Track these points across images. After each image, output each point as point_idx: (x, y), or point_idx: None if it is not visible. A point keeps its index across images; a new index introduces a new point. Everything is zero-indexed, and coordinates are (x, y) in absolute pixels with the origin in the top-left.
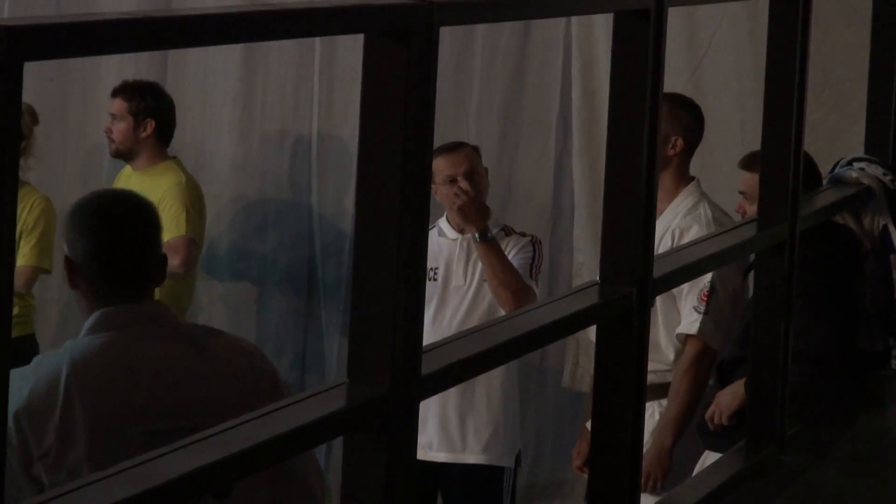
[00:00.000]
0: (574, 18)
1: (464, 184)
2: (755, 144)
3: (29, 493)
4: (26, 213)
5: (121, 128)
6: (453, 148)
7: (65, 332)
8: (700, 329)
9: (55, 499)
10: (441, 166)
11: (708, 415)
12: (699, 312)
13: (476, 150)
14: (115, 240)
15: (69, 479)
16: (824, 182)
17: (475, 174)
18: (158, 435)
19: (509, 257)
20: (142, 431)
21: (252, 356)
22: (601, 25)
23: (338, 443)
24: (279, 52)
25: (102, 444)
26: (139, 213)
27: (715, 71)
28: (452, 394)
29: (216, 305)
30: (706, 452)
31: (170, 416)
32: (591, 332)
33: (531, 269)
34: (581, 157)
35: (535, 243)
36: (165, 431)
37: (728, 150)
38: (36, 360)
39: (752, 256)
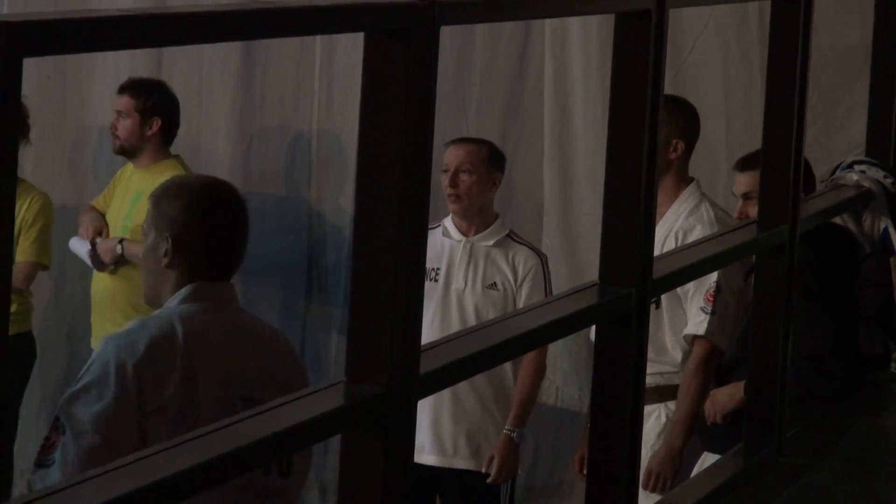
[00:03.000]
0: (547, 21)
1: None
2: (740, 146)
3: (134, 444)
4: (25, 209)
5: (126, 125)
6: (460, 141)
7: (59, 329)
8: (707, 329)
9: (57, 493)
10: (444, 154)
11: (706, 413)
12: (706, 313)
13: (491, 152)
14: (229, 221)
15: None
16: (823, 185)
17: (466, 172)
18: (252, 403)
19: (522, 291)
20: (243, 397)
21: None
22: (576, 30)
23: (335, 441)
24: (279, 49)
25: (217, 405)
26: (243, 204)
27: (699, 72)
28: (445, 398)
29: None
30: (704, 454)
31: (261, 386)
32: (560, 344)
33: (545, 293)
34: (551, 162)
35: (543, 264)
36: (258, 401)
37: (712, 151)
38: (138, 322)
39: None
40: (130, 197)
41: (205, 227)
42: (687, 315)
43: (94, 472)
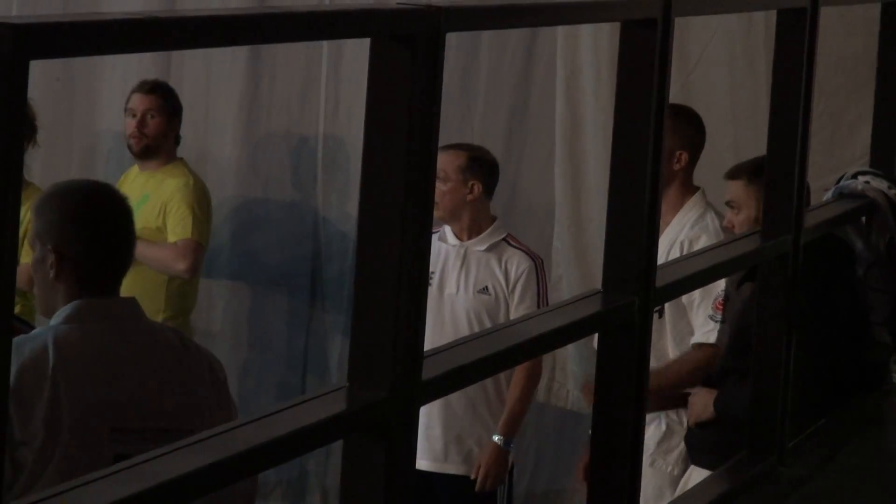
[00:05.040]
0: (559, 29)
1: None
2: (748, 155)
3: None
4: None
5: (157, 123)
6: (440, 147)
7: None
8: (718, 338)
9: (51, 498)
10: None
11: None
12: (715, 321)
13: (469, 159)
14: (114, 233)
15: (59, 465)
16: (828, 194)
17: (440, 180)
18: (128, 433)
19: (514, 295)
20: (113, 427)
21: (221, 367)
22: (587, 37)
23: (337, 446)
24: (286, 54)
25: (81, 436)
26: (128, 209)
27: (705, 83)
28: (436, 403)
29: (217, 306)
30: (692, 467)
31: (145, 416)
32: (570, 348)
33: (538, 301)
34: (563, 168)
35: (537, 268)
36: (137, 431)
37: (719, 160)
38: (16, 342)
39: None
40: (135, 199)
41: (86, 237)
42: (693, 324)
43: (97, 475)
